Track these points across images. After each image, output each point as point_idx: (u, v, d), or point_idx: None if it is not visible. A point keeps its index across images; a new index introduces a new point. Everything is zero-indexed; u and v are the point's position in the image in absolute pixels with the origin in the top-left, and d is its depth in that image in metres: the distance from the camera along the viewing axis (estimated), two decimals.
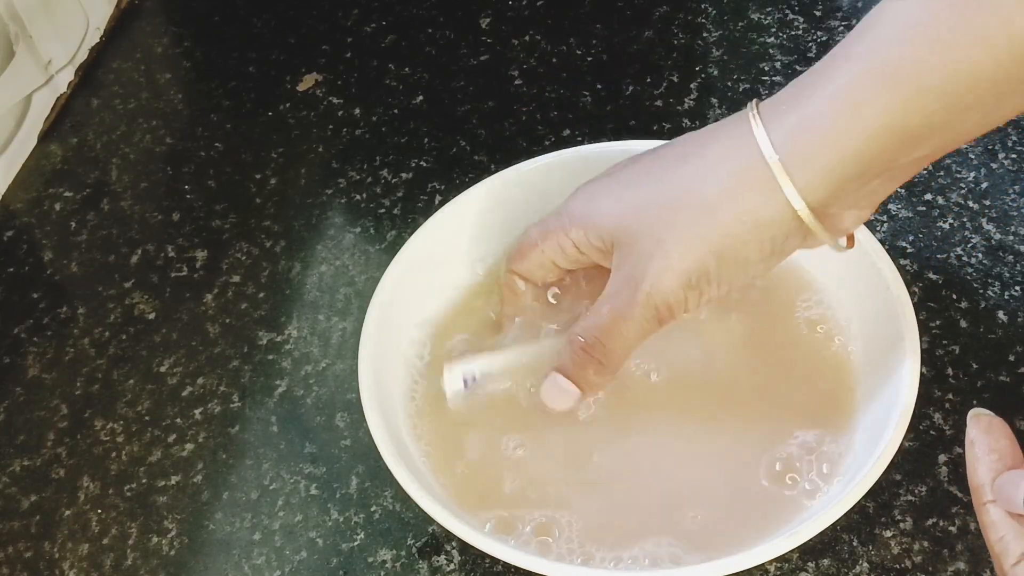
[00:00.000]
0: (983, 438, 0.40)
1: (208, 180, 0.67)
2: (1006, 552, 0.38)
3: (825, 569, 0.46)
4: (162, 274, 0.62)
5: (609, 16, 0.73)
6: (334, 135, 0.69)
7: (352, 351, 0.54)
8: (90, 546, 0.51)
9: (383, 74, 0.72)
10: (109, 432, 0.55)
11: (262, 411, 0.55)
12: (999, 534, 0.38)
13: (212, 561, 0.50)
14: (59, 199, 0.68)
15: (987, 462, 0.39)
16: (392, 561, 0.49)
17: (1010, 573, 0.37)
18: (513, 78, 0.70)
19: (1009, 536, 0.38)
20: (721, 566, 0.40)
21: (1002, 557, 0.38)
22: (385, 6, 0.77)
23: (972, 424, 0.40)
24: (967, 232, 0.56)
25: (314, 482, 0.52)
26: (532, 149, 0.65)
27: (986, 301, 0.53)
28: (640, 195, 0.41)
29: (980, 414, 0.41)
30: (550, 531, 0.45)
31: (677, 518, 0.45)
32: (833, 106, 0.37)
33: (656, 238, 0.40)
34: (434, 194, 0.64)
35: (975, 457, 0.40)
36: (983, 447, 0.39)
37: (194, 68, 0.76)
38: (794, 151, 0.38)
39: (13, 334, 0.61)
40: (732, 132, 0.40)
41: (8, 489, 0.54)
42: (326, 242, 0.62)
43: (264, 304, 0.60)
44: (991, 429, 0.40)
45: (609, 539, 0.44)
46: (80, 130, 0.72)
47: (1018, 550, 0.37)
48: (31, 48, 0.70)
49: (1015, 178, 0.58)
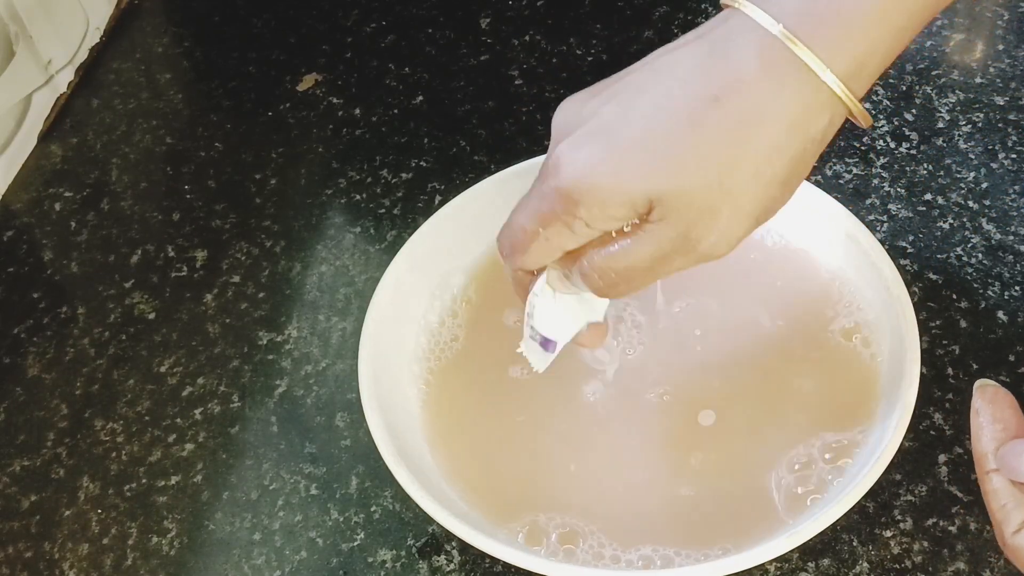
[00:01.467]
0: (988, 408, 0.40)
1: (208, 180, 0.67)
2: (1007, 520, 0.38)
3: (825, 569, 0.46)
4: (162, 274, 0.62)
5: (609, 16, 0.73)
6: (334, 135, 0.69)
7: (352, 351, 0.54)
8: (90, 546, 0.51)
9: (383, 74, 0.72)
10: (109, 432, 0.55)
11: (262, 411, 0.55)
12: (1001, 502, 0.38)
13: (212, 561, 0.50)
14: (59, 199, 0.68)
15: (991, 431, 0.39)
16: (392, 561, 0.49)
17: (1010, 541, 0.38)
18: (513, 78, 0.70)
19: (1011, 504, 0.38)
20: (721, 566, 0.40)
21: (1003, 525, 0.38)
22: (385, 6, 0.77)
23: (978, 394, 0.41)
24: (967, 232, 0.56)
25: (314, 482, 0.52)
26: (532, 149, 0.65)
27: (986, 301, 0.53)
28: (680, 146, 0.35)
29: (986, 384, 0.41)
30: (551, 531, 0.45)
31: (679, 518, 0.45)
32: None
33: (722, 193, 0.36)
34: (434, 194, 0.64)
35: (979, 426, 0.40)
36: (987, 417, 0.40)
37: (194, 68, 0.76)
38: (825, 40, 0.35)
39: (13, 334, 0.61)
40: (745, 37, 0.35)
41: (8, 489, 0.54)
42: (326, 242, 0.62)
43: (264, 304, 0.60)
44: (996, 399, 0.40)
45: (612, 538, 0.44)
46: (80, 130, 0.72)
47: (1019, 518, 0.38)
48: (31, 48, 0.70)
49: (1015, 178, 0.58)
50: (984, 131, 0.61)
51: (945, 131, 0.61)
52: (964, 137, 0.60)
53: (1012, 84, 0.63)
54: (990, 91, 0.62)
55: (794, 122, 0.35)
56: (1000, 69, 0.64)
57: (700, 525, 0.44)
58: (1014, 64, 0.64)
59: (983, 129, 0.61)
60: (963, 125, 0.61)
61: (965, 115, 0.61)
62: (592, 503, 0.45)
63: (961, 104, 0.62)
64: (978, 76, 0.63)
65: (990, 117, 0.61)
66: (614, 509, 0.45)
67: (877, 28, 0.35)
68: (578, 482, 0.46)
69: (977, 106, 0.62)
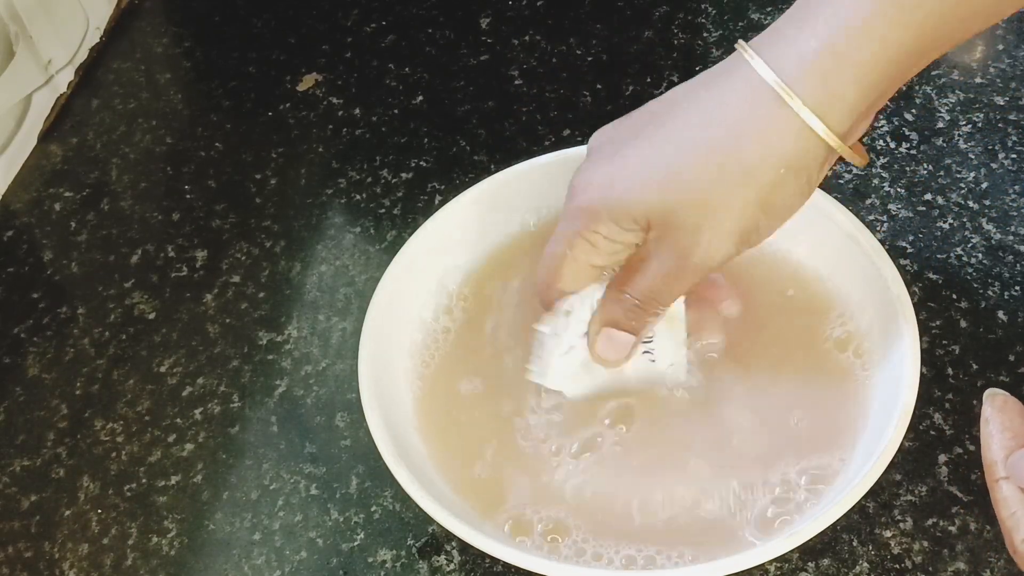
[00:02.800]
0: (998, 416, 0.40)
1: (208, 180, 0.67)
2: (1017, 527, 0.38)
3: (825, 569, 0.46)
4: (162, 274, 0.62)
5: (609, 16, 0.73)
6: (334, 135, 0.69)
7: (352, 351, 0.54)
8: (90, 546, 0.51)
9: (383, 74, 0.72)
10: (109, 432, 0.55)
11: (262, 411, 0.55)
12: (1011, 510, 0.38)
13: (212, 561, 0.50)
14: (59, 199, 0.68)
15: (1001, 440, 0.40)
16: (392, 561, 0.49)
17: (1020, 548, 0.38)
18: (513, 78, 0.70)
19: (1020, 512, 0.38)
20: (721, 566, 0.40)
21: (1013, 532, 0.38)
22: (385, 6, 0.77)
23: (987, 402, 0.41)
24: (967, 232, 0.56)
25: (314, 482, 0.52)
26: (532, 149, 0.65)
27: (986, 301, 0.53)
28: (669, 169, 0.40)
29: (995, 393, 0.41)
30: (555, 531, 0.45)
31: (680, 517, 0.45)
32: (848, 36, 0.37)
33: (702, 208, 0.40)
34: (434, 194, 0.64)
35: (989, 434, 0.40)
36: (997, 425, 0.40)
37: (194, 68, 0.76)
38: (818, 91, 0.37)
39: (13, 334, 0.61)
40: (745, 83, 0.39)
41: (8, 489, 0.54)
42: (326, 242, 0.62)
43: (264, 304, 0.60)
44: (1006, 408, 0.40)
45: (613, 539, 0.44)
46: (80, 130, 0.72)
47: None
48: (31, 48, 0.70)
49: (1015, 178, 0.58)
50: (984, 131, 0.61)
51: (945, 131, 0.61)
52: (964, 137, 0.60)
53: (1012, 84, 0.63)
54: (990, 91, 0.62)
55: (771, 150, 0.39)
56: (1000, 69, 0.64)
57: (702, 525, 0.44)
58: (1014, 64, 0.64)
59: (983, 129, 0.61)
60: (963, 125, 0.61)
61: (965, 115, 0.61)
62: (597, 504, 0.45)
63: (961, 104, 0.62)
64: (978, 76, 0.63)
65: (990, 117, 0.61)
66: (620, 510, 0.45)
67: (868, 77, 0.37)
68: (581, 482, 0.46)
69: (977, 106, 0.62)
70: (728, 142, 0.39)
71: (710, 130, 0.39)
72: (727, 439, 0.47)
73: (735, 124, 0.39)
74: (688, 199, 0.40)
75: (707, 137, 0.39)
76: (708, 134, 0.39)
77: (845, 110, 0.38)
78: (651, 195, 0.40)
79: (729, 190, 0.39)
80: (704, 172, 0.39)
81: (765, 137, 0.38)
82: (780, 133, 0.38)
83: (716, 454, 0.46)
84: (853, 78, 0.37)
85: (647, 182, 0.40)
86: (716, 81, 0.40)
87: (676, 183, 0.40)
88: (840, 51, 0.37)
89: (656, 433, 0.47)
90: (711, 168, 0.39)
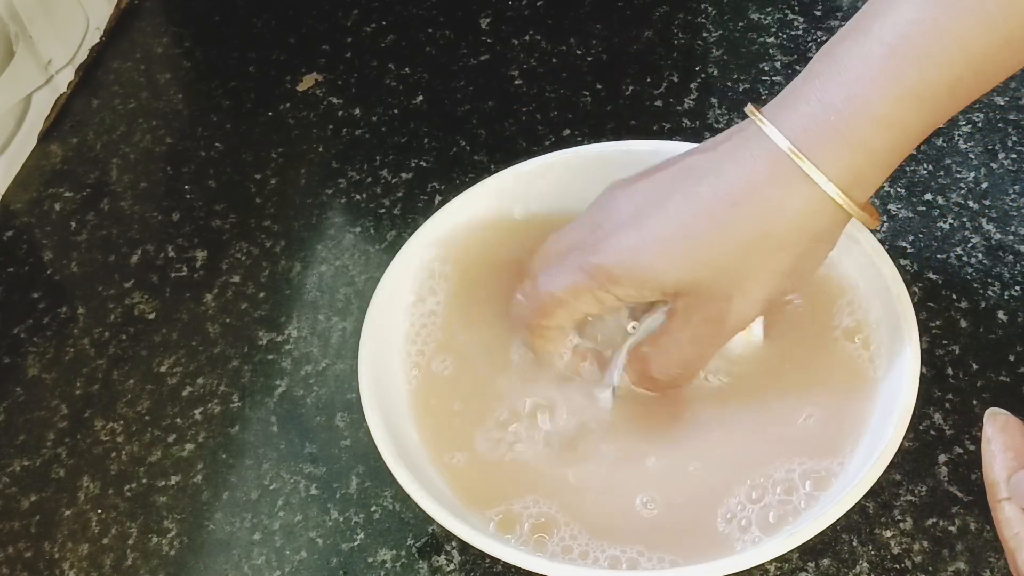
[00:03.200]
0: (999, 436, 0.40)
1: (208, 180, 0.67)
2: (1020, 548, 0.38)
3: (825, 569, 0.46)
4: (162, 274, 0.62)
5: (609, 16, 0.73)
6: (334, 135, 0.69)
7: (352, 351, 0.54)
8: (90, 546, 0.51)
9: (383, 74, 0.72)
10: (109, 432, 0.55)
11: (262, 411, 0.55)
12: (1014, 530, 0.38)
13: (212, 561, 0.50)
14: (59, 199, 0.68)
15: (1003, 459, 0.40)
16: (392, 561, 0.49)
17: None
18: (513, 78, 0.70)
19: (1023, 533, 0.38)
20: (721, 566, 0.40)
21: (1016, 553, 0.38)
22: (385, 6, 0.77)
23: (988, 422, 0.41)
24: (967, 232, 0.56)
25: (314, 482, 0.52)
26: (532, 149, 0.65)
27: (986, 301, 0.53)
28: (699, 242, 0.42)
29: (997, 413, 0.41)
30: (549, 530, 0.45)
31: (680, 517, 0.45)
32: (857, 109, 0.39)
33: (735, 279, 0.42)
34: (434, 194, 0.64)
35: (991, 454, 0.40)
36: (999, 445, 0.40)
37: (194, 68, 0.76)
38: (845, 172, 0.40)
39: (13, 334, 0.61)
40: (765, 152, 0.40)
41: (8, 489, 0.54)
42: (326, 242, 0.62)
43: (264, 304, 0.60)
44: (1007, 427, 0.40)
45: (609, 538, 0.44)
46: (80, 130, 0.72)
47: None
48: (31, 48, 0.70)
49: (1015, 178, 0.58)
50: (984, 131, 0.61)
51: (945, 131, 0.61)
52: (964, 137, 0.60)
53: (1012, 84, 0.63)
54: (990, 91, 0.62)
55: (799, 225, 0.41)
56: None
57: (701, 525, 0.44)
58: None
59: (983, 129, 0.61)
60: (963, 125, 0.61)
61: (965, 115, 0.61)
62: (594, 502, 0.45)
63: None
64: None
65: (990, 117, 0.61)
66: (616, 508, 0.45)
67: (877, 142, 0.39)
68: (580, 481, 0.46)
69: (977, 106, 0.62)
70: (759, 219, 0.41)
71: (739, 206, 0.41)
72: (728, 438, 0.47)
73: (760, 195, 0.41)
74: (720, 272, 0.42)
75: (736, 212, 0.41)
76: (737, 209, 0.41)
77: (868, 186, 0.41)
78: (683, 267, 0.42)
79: (760, 262, 0.42)
80: (736, 247, 0.41)
81: (795, 214, 0.40)
82: (810, 210, 0.40)
83: (717, 453, 0.46)
84: (886, 165, 0.40)
85: (678, 254, 0.42)
86: (729, 147, 0.42)
87: (708, 256, 0.42)
88: (868, 138, 0.39)
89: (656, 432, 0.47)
90: (743, 244, 0.41)
